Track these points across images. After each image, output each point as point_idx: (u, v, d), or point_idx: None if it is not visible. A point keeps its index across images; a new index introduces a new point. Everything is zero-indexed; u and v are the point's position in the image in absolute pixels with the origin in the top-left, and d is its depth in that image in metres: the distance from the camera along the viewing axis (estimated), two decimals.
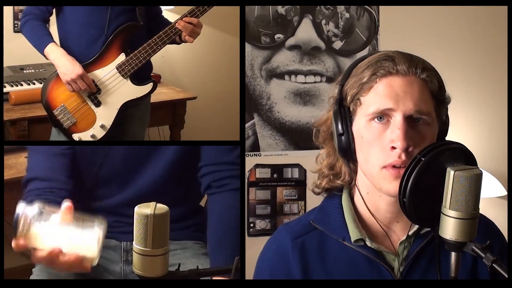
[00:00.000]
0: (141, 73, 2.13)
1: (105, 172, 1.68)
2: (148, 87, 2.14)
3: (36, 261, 1.20)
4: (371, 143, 1.13)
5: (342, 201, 1.24)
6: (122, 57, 2.08)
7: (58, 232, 1.19)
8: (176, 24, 2.04)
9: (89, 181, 1.68)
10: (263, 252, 1.29)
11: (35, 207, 1.18)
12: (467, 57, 2.84)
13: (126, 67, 2.08)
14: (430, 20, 2.80)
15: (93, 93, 2.10)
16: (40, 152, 1.66)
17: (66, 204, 1.23)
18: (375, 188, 1.16)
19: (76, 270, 1.23)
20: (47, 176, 1.61)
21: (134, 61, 2.07)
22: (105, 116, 2.11)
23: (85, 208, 1.66)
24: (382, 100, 1.11)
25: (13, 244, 1.18)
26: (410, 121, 1.11)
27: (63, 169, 1.63)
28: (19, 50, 2.72)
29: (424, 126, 1.12)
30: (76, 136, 2.11)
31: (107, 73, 2.09)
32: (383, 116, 1.12)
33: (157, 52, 2.08)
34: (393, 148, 1.10)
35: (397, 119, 1.10)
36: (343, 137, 1.17)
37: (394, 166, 1.10)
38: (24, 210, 1.17)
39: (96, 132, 2.11)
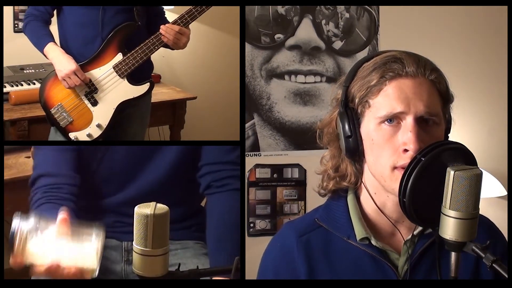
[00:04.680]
0: (141, 73, 2.14)
1: (105, 172, 1.68)
2: (145, 87, 2.14)
3: (35, 275, 1.19)
4: (382, 145, 1.13)
5: (348, 200, 1.24)
6: (119, 57, 2.08)
7: (55, 246, 1.18)
8: (160, 29, 2.04)
9: (91, 179, 1.68)
10: (267, 250, 1.29)
11: (31, 221, 1.16)
12: (467, 57, 2.84)
13: (123, 67, 2.08)
14: (430, 20, 2.80)
15: (90, 92, 2.11)
16: (46, 148, 1.66)
17: (62, 216, 1.22)
18: (385, 190, 1.16)
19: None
20: (55, 172, 1.60)
21: (130, 61, 2.07)
22: (101, 115, 2.12)
23: (89, 206, 1.66)
24: (393, 103, 1.11)
25: (11, 261, 1.16)
26: (420, 122, 1.11)
27: (70, 164, 1.63)
28: (19, 50, 2.72)
29: (433, 126, 1.13)
30: (72, 135, 2.12)
31: (104, 72, 2.09)
32: (393, 118, 1.12)
33: (154, 52, 2.08)
34: (406, 150, 1.10)
35: (408, 121, 1.11)
36: (351, 139, 1.17)
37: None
38: (20, 225, 1.15)
39: (92, 131, 2.11)
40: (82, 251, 1.18)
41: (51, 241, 1.17)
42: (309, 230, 1.24)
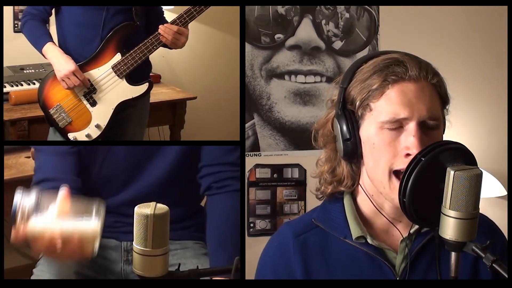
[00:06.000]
0: (139, 73, 2.13)
1: (105, 172, 1.68)
2: (143, 87, 2.13)
3: (36, 252, 1.20)
4: (383, 149, 1.12)
5: (344, 201, 1.24)
6: (118, 57, 2.08)
7: (57, 221, 1.18)
8: (159, 29, 2.04)
9: (91, 180, 1.68)
10: (265, 250, 1.29)
11: (32, 197, 1.17)
12: (467, 57, 2.84)
13: (122, 67, 2.08)
14: (430, 20, 2.80)
15: (89, 93, 2.11)
16: (47, 152, 1.66)
17: (63, 192, 1.22)
18: (383, 196, 1.16)
19: (76, 258, 1.22)
20: (56, 176, 1.60)
21: (129, 61, 2.07)
22: (100, 115, 2.11)
23: None
24: (396, 108, 1.10)
25: (12, 236, 1.16)
26: (422, 126, 1.11)
27: (71, 168, 1.63)
28: (19, 50, 2.72)
29: (434, 129, 1.13)
30: (71, 136, 2.12)
31: (102, 73, 2.09)
32: (395, 122, 1.11)
33: (152, 52, 2.08)
34: (408, 155, 1.09)
35: (411, 126, 1.10)
36: (349, 142, 1.16)
37: None
38: (21, 201, 1.16)
39: (91, 131, 2.11)
40: (83, 227, 1.18)
41: (52, 217, 1.18)
42: (306, 230, 1.24)
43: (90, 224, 1.19)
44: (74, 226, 1.19)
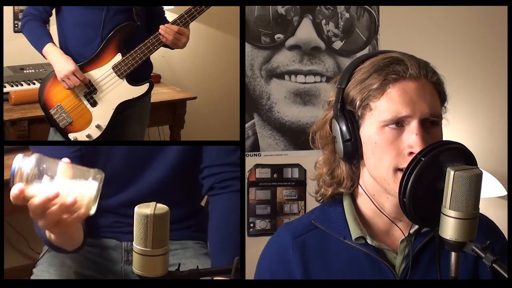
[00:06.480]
0: (140, 73, 2.13)
1: (106, 172, 1.67)
2: (144, 87, 2.14)
3: (33, 209, 1.14)
4: (385, 148, 1.12)
5: (344, 202, 1.24)
6: (118, 57, 2.08)
7: (56, 184, 1.15)
8: (159, 29, 2.04)
9: None
10: (264, 251, 1.29)
11: (32, 160, 1.13)
12: (467, 57, 2.84)
13: (122, 67, 2.08)
14: (430, 20, 2.80)
15: (89, 93, 2.11)
16: (49, 154, 1.65)
17: (65, 160, 1.19)
18: (387, 192, 1.15)
19: (71, 219, 1.17)
20: None
21: (130, 61, 2.07)
22: (101, 116, 2.12)
23: None
24: (398, 107, 1.10)
25: (12, 195, 1.10)
26: (423, 124, 1.11)
27: None
28: (19, 50, 2.72)
29: (435, 127, 1.13)
30: (72, 136, 2.12)
31: (103, 73, 2.09)
32: (397, 121, 1.11)
33: (153, 52, 2.08)
34: (411, 153, 1.09)
35: (413, 124, 1.10)
36: (350, 143, 1.16)
37: None
38: (21, 164, 1.12)
39: (91, 132, 2.12)
40: (81, 186, 1.15)
41: (52, 180, 1.14)
42: (305, 231, 1.24)
43: (88, 186, 1.16)
44: (72, 189, 1.15)
